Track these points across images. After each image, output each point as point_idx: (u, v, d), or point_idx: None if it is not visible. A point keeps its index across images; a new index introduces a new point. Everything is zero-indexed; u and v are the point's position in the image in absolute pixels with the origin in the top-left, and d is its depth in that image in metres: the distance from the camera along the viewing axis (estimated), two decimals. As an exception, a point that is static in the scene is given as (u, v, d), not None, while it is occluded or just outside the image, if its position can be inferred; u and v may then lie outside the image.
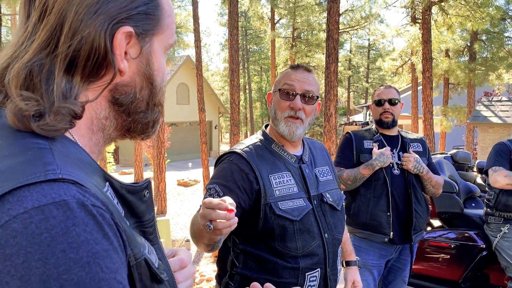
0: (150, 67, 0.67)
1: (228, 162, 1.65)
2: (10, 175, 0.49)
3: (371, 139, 2.77)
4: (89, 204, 0.50)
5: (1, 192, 0.48)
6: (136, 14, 0.63)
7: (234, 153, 1.67)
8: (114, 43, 0.61)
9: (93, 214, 0.50)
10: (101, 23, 0.59)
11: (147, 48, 0.66)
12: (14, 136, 0.55)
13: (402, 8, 17.22)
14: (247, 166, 1.61)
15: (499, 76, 16.77)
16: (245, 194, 1.57)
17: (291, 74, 1.70)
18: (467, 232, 3.48)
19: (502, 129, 8.45)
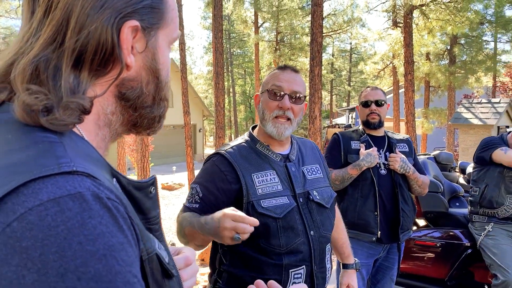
0: (156, 61, 0.67)
1: (211, 163, 1.69)
2: (23, 168, 0.49)
3: (358, 140, 2.80)
4: (104, 197, 0.50)
5: (15, 184, 0.47)
6: (142, 8, 0.63)
7: (218, 154, 1.70)
8: (121, 38, 0.61)
9: (108, 206, 0.49)
10: (108, 18, 0.59)
11: (152, 42, 0.66)
12: (23, 130, 0.55)
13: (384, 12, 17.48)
14: (228, 166, 1.63)
15: (478, 79, 17.15)
16: (223, 195, 1.61)
17: (279, 74, 1.72)
18: (452, 231, 3.55)
19: (483, 130, 8.63)
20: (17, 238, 0.44)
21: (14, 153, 0.52)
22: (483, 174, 3.32)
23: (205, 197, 1.62)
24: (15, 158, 0.51)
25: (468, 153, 8.95)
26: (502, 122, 8.74)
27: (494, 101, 8.85)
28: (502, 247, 3.13)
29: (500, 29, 16.16)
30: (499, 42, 18.25)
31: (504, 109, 8.58)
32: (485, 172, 3.29)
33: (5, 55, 0.60)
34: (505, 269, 3.03)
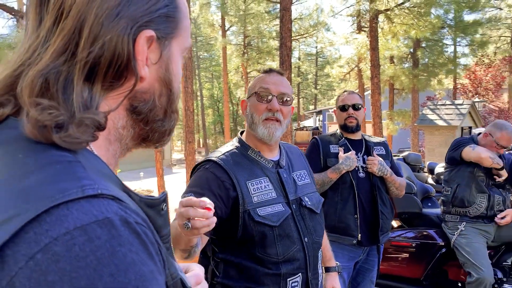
0: (169, 72, 0.63)
1: (204, 170, 1.62)
2: (42, 193, 0.44)
3: (337, 144, 2.81)
4: (133, 221, 0.46)
5: (37, 211, 0.42)
6: (158, 16, 0.59)
7: (210, 161, 1.64)
8: (136, 48, 0.57)
9: (137, 232, 0.46)
10: (124, 27, 0.55)
11: (166, 52, 0.62)
12: (35, 149, 0.50)
13: (349, 17, 17.84)
14: (224, 173, 1.58)
15: (440, 81, 17.75)
16: (221, 202, 1.55)
17: (265, 78, 1.71)
18: (426, 231, 3.62)
19: (447, 131, 8.92)
20: (42, 272, 0.40)
21: (29, 175, 0.47)
22: (454, 174, 3.41)
23: None
24: (30, 181, 0.46)
25: (433, 153, 9.22)
26: (466, 123, 9.06)
27: (457, 102, 9.18)
28: (474, 245, 3.22)
29: (460, 33, 16.79)
30: (459, 45, 18.96)
31: (467, 110, 8.90)
32: (456, 172, 3.38)
33: (8, 66, 0.55)
34: (479, 266, 3.12)
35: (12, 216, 0.43)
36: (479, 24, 16.62)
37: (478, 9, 16.15)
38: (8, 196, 0.45)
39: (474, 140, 3.35)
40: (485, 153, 3.16)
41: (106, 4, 0.54)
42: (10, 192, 0.46)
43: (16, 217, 0.43)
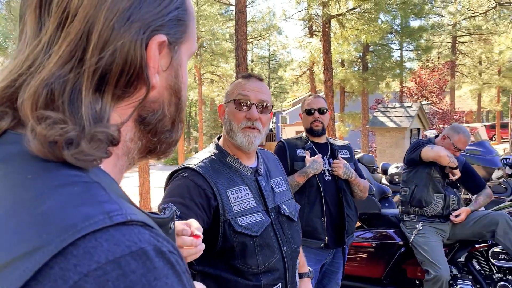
0: (179, 79, 0.59)
1: (183, 178, 1.54)
2: (63, 220, 0.39)
3: (303, 147, 2.83)
4: (166, 251, 0.42)
5: (62, 244, 0.37)
6: (169, 20, 0.55)
7: (188, 169, 1.57)
8: (148, 55, 0.52)
9: (172, 262, 0.42)
10: (136, 32, 0.50)
11: (176, 58, 0.58)
12: (44, 168, 0.44)
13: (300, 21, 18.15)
14: (204, 181, 1.52)
15: (387, 84, 18.47)
16: (203, 212, 1.48)
17: (244, 84, 1.66)
18: (385, 231, 3.72)
19: (397, 133, 9.27)
20: None
21: (44, 199, 0.41)
22: (412, 175, 3.53)
23: (184, 216, 1.45)
24: (47, 206, 0.40)
25: (385, 154, 9.55)
26: (415, 125, 9.46)
27: (406, 105, 9.57)
28: (432, 244, 3.34)
29: (406, 38, 17.54)
30: (405, 50, 19.80)
31: (416, 112, 9.29)
32: (415, 173, 3.50)
33: (4, 76, 0.49)
34: (436, 264, 3.24)
35: (32, 250, 0.37)
36: (423, 30, 17.45)
37: (422, 16, 16.96)
38: (23, 224, 0.39)
39: (432, 142, 3.49)
40: (444, 152, 3.29)
41: (117, 6, 0.49)
42: (24, 220, 0.40)
43: (37, 250, 0.37)
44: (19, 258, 0.37)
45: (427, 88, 18.84)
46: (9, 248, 0.38)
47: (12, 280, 0.36)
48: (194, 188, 1.50)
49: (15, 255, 0.38)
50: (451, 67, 22.84)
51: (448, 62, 22.23)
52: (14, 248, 0.38)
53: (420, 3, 16.04)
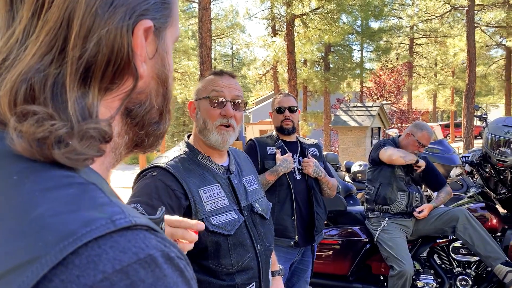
0: (166, 67, 0.55)
1: (152, 177, 1.49)
2: (61, 226, 0.35)
3: (274, 146, 2.82)
4: (175, 257, 0.39)
5: (61, 254, 0.33)
6: (153, 3, 0.50)
7: (158, 168, 1.51)
8: (135, 42, 0.48)
9: (181, 269, 0.39)
10: (122, 18, 0.46)
11: (162, 44, 0.54)
12: (31, 169, 0.40)
13: (264, 20, 18.23)
14: (174, 181, 1.47)
15: (348, 84, 18.86)
16: (172, 213, 1.44)
17: (218, 80, 1.63)
18: (351, 228, 3.78)
19: (359, 132, 9.48)
20: None
21: (34, 204, 0.37)
22: (377, 173, 3.61)
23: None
24: (38, 212, 0.36)
25: (347, 152, 9.74)
26: (375, 124, 9.72)
27: (367, 104, 9.80)
28: (396, 240, 3.43)
29: (366, 39, 17.97)
30: (365, 51, 20.31)
31: (377, 112, 9.54)
32: (379, 172, 3.59)
33: None
34: (400, 260, 3.33)
35: (26, 261, 0.33)
36: (383, 31, 17.96)
37: (382, 18, 17.45)
38: (13, 232, 0.35)
39: (395, 141, 3.58)
40: (396, 154, 3.40)
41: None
42: (13, 227, 0.35)
43: (33, 262, 0.33)
44: (12, 271, 0.33)
45: (386, 88, 19.39)
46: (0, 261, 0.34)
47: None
48: (163, 188, 1.45)
49: (7, 268, 0.34)
50: (408, 68, 23.62)
51: (406, 63, 22.96)
52: (4, 260, 0.34)
53: (380, 5, 16.48)
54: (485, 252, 3.17)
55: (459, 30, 18.94)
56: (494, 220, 3.41)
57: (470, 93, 14.74)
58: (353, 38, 18.49)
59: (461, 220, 3.28)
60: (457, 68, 25.17)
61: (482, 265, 3.39)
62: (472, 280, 3.37)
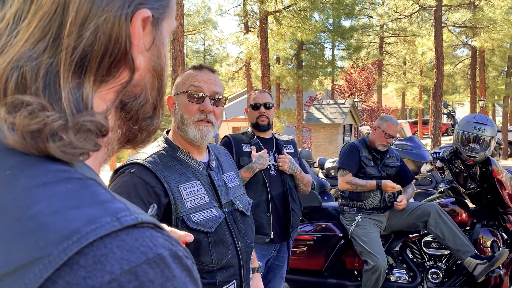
0: (161, 59, 0.53)
1: (130, 175, 1.44)
2: (63, 224, 0.33)
3: (249, 142, 2.80)
4: (183, 256, 0.37)
5: (66, 254, 0.31)
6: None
7: (136, 164, 1.47)
8: (133, 32, 0.46)
9: (188, 268, 0.37)
10: (121, 5, 0.44)
11: (159, 36, 0.52)
12: (25, 163, 0.37)
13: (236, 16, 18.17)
14: (153, 178, 1.44)
15: (320, 82, 19.04)
16: None
17: (197, 75, 1.60)
18: (325, 223, 3.81)
19: (332, 129, 9.60)
20: None
21: (31, 201, 0.34)
22: None
23: None
24: (36, 209, 0.34)
25: (319, 149, 9.84)
26: (347, 121, 9.85)
27: (340, 102, 9.93)
28: (370, 235, 3.48)
29: (338, 38, 18.18)
30: (337, 49, 20.55)
31: (348, 109, 9.68)
32: None
33: None
34: (374, 255, 3.38)
35: (27, 263, 0.31)
36: (354, 30, 18.21)
37: (353, 16, 17.68)
38: (10, 232, 0.33)
39: (365, 141, 3.62)
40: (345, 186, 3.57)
41: None
42: (10, 226, 0.33)
43: (35, 263, 0.31)
44: (11, 273, 0.31)
45: (357, 86, 19.69)
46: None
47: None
48: (142, 186, 1.42)
49: (5, 270, 0.31)
50: (378, 66, 24.06)
51: (376, 61, 23.38)
52: (2, 262, 0.32)
53: (351, 4, 16.70)
54: (455, 245, 3.26)
55: (427, 30, 19.40)
56: (464, 214, 3.50)
57: (438, 91, 15.15)
58: (325, 36, 18.68)
59: (433, 215, 3.36)
60: (425, 67, 25.82)
61: (452, 258, 3.49)
62: (443, 273, 3.46)
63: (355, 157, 3.58)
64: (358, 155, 3.58)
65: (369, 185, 3.49)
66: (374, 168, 3.58)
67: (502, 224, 3.43)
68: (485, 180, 3.42)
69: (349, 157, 3.61)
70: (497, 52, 20.72)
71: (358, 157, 3.58)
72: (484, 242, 3.36)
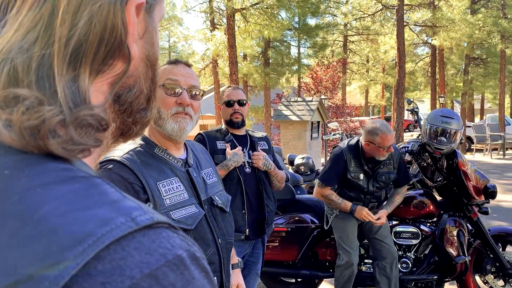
0: (155, 48, 0.51)
1: (106, 171, 1.41)
2: (75, 227, 0.31)
3: (223, 140, 2.80)
4: (200, 257, 0.36)
5: (83, 259, 0.29)
6: None
7: (113, 161, 1.44)
8: (128, 19, 0.43)
9: (206, 270, 0.36)
10: None
11: (151, 23, 0.49)
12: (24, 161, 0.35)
13: (202, 13, 18.03)
14: (131, 174, 1.41)
15: (287, 79, 19.19)
16: None
17: (173, 69, 1.58)
18: (298, 215, 3.86)
19: (300, 126, 9.70)
20: None
21: (39, 202, 0.32)
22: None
23: None
24: (45, 211, 0.32)
25: (288, 146, 9.93)
26: (315, 118, 9.98)
27: (308, 99, 10.04)
28: (347, 229, 3.47)
29: (304, 36, 18.36)
30: (302, 47, 20.76)
31: (316, 106, 9.80)
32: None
33: None
34: (348, 250, 3.41)
35: (40, 269, 0.29)
36: (319, 28, 18.43)
37: (318, 15, 17.91)
38: (18, 236, 0.31)
39: (358, 149, 3.42)
40: (319, 196, 3.52)
41: None
42: (17, 230, 0.31)
43: (50, 269, 0.29)
44: (23, 282, 0.29)
45: (322, 83, 19.95)
46: (4, 270, 0.29)
47: None
48: (120, 182, 1.38)
49: (15, 278, 0.29)
50: (343, 64, 24.45)
51: (341, 59, 23.77)
52: (11, 270, 0.29)
53: (316, 2, 16.90)
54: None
55: (389, 29, 19.91)
56: (431, 206, 3.63)
57: (400, 89, 15.59)
58: (291, 34, 18.83)
59: (388, 260, 3.38)
60: (387, 65, 26.47)
61: (421, 248, 3.61)
62: (412, 262, 3.57)
63: (340, 170, 3.38)
64: (344, 169, 3.38)
65: (343, 206, 3.38)
66: (363, 182, 3.40)
67: (467, 214, 3.57)
68: (452, 173, 3.55)
69: (332, 170, 3.42)
70: (455, 51, 21.55)
71: (344, 170, 3.38)
72: (451, 232, 3.50)
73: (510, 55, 20.71)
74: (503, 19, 17.91)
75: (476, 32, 17.04)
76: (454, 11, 16.43)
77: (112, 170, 1.41)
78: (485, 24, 17.22)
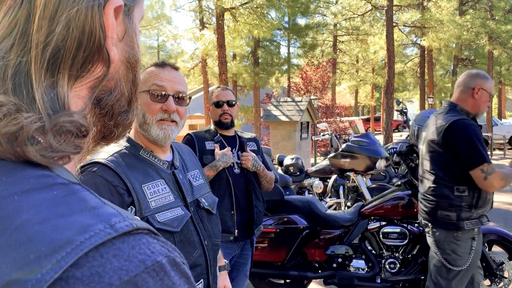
0: (135, 50, 0.50)
1: (91, 174, 1.39)
2: (54, 234, 0.30)
3: (212, 140, 2.79)
4: (180, 262, 0.35)
5: (60, 267, 0.29)
6: None
7: (97, 164, 1.42)
8: (106, 23, 0.43)
9: (187, 275, 0.36)
10: None
11: (131, 25, 0.49)
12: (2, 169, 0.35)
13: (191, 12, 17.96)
14: (115, 177, 1.39)
15: (277, 79, 19.20)
16: None
17: (159, 73, 1.56)
18: (287, 216, 3.87)
19: (289, 126, 9.70)
20: None
21: (18, 209, 0.32)
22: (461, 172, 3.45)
23: None
24: (23, 219, 0.31)
25: (278, 146, 9.93)
26: (304, 118, 9.99)
27: (297, 99, 10.04)
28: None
29: (293, 36, 18.39)
30: (292, 47, 20.80)
31: (305, 106, 9.81)
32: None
33: None
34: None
35: (18, 278, 0.28)
36: (309, 28, 18.48)
37: (308, 14, 17.95)
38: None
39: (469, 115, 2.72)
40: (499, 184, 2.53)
41: None
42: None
43: (27, 278, 0.28)
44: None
45: (312, 83, 20.00)
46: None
47: None
48: (104, 185, 1.37)
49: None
50: (332, 64, 24.55)
51: (330, 59, 23.85)
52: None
53: (306, 2, 16.94)
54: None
55: (379, 29, 20.02)
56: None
57: (389, 89, 15.70)
58: (281, 34, 18.85)
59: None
60: (377, 65, 26.64)
61: (408, 249, 3.64)
62: (400, 263, 3.60)
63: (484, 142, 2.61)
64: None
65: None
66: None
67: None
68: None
69: (482, 146, 2.56)
70: (443, 52, 21.77)
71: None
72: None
73: (497, 56, 20.98)
74: (491, 21, 18.15)
75: (464, 33, 17.23)
76: (443, 12, 16.59)
77: (96, 173, 1.39)
78: (473, 25, 17.43)
